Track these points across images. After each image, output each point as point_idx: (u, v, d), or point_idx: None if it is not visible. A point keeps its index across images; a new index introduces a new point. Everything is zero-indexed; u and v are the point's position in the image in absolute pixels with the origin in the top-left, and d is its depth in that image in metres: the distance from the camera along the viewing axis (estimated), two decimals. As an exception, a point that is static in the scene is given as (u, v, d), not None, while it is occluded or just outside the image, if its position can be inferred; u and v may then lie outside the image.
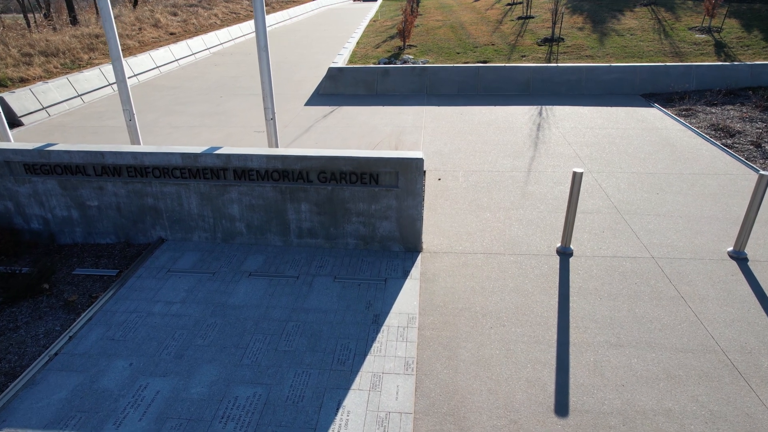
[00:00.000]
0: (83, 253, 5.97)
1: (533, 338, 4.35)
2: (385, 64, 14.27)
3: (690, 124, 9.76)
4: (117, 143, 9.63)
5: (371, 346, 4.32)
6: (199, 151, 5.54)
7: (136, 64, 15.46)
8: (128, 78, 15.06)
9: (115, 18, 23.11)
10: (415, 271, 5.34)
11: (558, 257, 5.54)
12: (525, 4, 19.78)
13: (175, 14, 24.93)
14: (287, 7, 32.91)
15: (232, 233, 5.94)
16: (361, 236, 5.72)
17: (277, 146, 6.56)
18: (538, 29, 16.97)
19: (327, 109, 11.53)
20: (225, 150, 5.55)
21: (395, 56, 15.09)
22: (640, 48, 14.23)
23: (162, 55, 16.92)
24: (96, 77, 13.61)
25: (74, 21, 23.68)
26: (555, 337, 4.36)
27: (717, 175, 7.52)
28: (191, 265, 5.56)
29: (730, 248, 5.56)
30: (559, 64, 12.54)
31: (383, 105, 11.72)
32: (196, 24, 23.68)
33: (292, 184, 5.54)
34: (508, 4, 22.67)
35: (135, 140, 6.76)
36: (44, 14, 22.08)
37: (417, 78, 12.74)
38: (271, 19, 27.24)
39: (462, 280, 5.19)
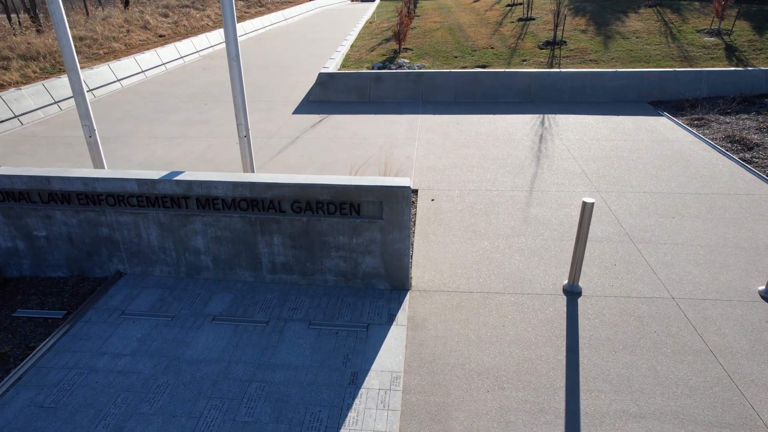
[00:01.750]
0: (30, 289, 5.31)
1: (537, 406, 3.69)
2: (379, 68, 13.61)
3: (703, 135, 9.09)
4: (89, 157, 8.92)
5: (346, 415, 3.65)
6: (157, 177, 4.87)
7: (119, 69, 14.79)
8: (111, 83, 14.51)
9: (103, 19, 22.49)
10: (402, 315, 4.68)
11: (565, 297, 4.87)
12: (525, 6, 19.11)
13: (166, 15, 24.27)
14: (283, 8, 32.24)
15: (197, 267, 5.27)
16: (342, 273, 5.06)
17: (252, 165, 5.92)
18: (539, 31, 16.30)
19: (316, 117, 10.86)
20: (186, 176, 4.88)
21: (390, 60, 14.43)
22: (646, 52, 13.56)
23: (148, 58, 16.25)
24: (75, 83, 12.91)
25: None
26: (563, 404, 3.70)
27: (737, 195, 6.85)
28: (149, 306, 4.90)
29: (762, 287, 4.90)
30: (562, 70, 11.87)
31: (375, 113, 11.05)
32: (187, 26, 23.01)
33: (262, 215, 4.88)
34: (508, 5, 22.00)
35: (96, 159, 6.10)
36: (29, 15, 21.39)
37: (412, 84, 12.07)
38: (266, 21, 26.59)
39: (455, 326, 4.52)
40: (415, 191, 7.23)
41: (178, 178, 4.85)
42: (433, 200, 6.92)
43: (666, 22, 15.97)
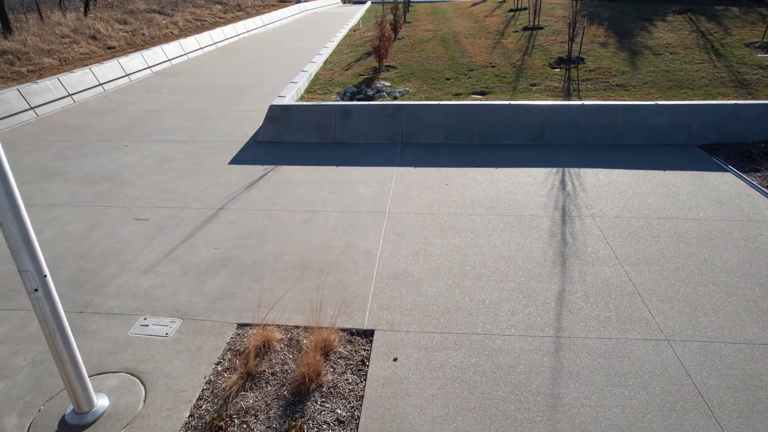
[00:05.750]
0: None
1: None
2: (351, 94, 10.87)
3: (798, 210, 6.34)
4: None
5: None
6: None
7: (35, 93, 12.04)
8: (20, 112, 11.61)
9: (50, 28, 19.70)
10: None
11: None
12: (531, 11, 16.34)
13: (124, 23, 21.52)
14: (264, 12, 29.47)
15: None
16: None
17: (70, 354, 3.24)
18: (549, 44, 13.54)
19: (258, 170, 8.12)
20: None
21: (368, 82, 11.69)
22: (687, 73, 10.80)
23: (79, 78, 13.51)
24: (-37, 117, 10.20)
25: (6, 29, 20.16)
26: None
27: None
28: None
29: None
30: (584, 102, 9.11)
31: (338, 164, 8.31)
32: (146, 35, 20.25)
33: None
34: (511, 10, 19.26)
35: None
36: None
37: (389, 120, 9.33)
38: (240, 27, 23.85)
39: None
40: (371, 334, 4.49)
41: None
42: (396, 360, 4.18)
43: (704, 33, 13.19)
